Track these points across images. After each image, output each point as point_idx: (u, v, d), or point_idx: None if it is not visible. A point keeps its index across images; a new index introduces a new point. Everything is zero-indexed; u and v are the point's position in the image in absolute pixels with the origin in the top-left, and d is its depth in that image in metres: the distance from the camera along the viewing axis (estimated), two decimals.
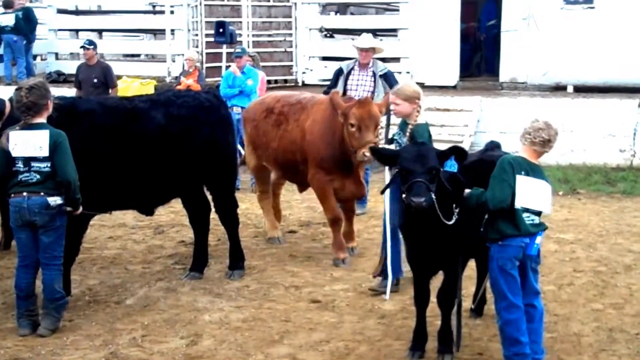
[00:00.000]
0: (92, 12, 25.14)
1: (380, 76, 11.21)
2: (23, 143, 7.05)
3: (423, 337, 6.72)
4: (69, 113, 7.78)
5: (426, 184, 6.00)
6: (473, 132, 15.70)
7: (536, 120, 6.21)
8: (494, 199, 6.06)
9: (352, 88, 11.13)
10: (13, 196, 7.12)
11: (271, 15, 19.91)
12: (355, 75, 11.26)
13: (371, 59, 11.26)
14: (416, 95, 7.37)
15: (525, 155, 6.20)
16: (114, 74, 15.40)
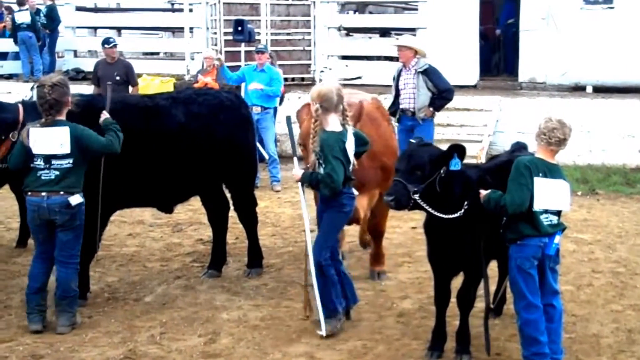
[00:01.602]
0: (111, 10, 25.25)
1: (421, 72, 11.54)
2: (44, 140, 7.05)
3: (442, 337, 6.72)
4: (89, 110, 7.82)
5: (403, 183, 6.21)
6: (492, 132, 15.67)
7: (550, 120, 6.15)
8: (512, 204, 6.04)
9: (402, 87, 11.84)
10: (30, 195, 7.11)
11: (290, 14, 19.89)
12: (403, 75, 11.84)
13: (412, 58, 11.66)
14: (318, 97, 7.00)
15: (541, 155, 6.17)
16: (135, 72, 15.44)
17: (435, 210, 6.29)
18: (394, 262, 9.42)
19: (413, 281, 8.73)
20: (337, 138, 6.91)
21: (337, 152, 6.85)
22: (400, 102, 11.89)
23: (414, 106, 11.72)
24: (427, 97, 11.64)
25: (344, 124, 7.07)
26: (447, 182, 6.26)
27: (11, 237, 10.33)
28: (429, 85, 11.59)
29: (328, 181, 6.82)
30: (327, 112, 6.97)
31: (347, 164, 6.98)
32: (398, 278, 8.87)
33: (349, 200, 7.16)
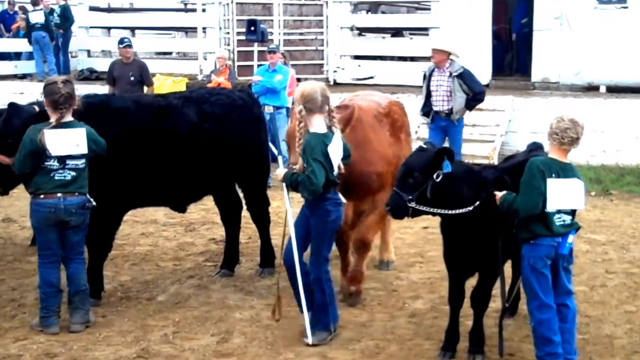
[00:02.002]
0: (124, 10, 25.33)
1: (456, 76, 11.89)
2: (60, 141, 7.02)
3: (455, 337, 6.71)
4: (102, 110, 7.85)
5: (397, 192, 6.30)
6: (504, 132, 15.64)
7: (562, 120, 6.09)
8: (524, 207, 6.02)
9: (433, 89, 12.14)
10: (44, 197, 7.07)
11: (302, 14, 19.91)
12: (435, 76, 12.13)
13: (446, 60, 12.01)
14: (302, 98, 6.82)
15: (554, 155, 6.14)
16: (150, 72, 15.50)
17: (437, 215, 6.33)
18: (405, 262, 9.42)
19: (425, 281, 8.72)
20: (320, 140, 6.69)
21: (318, 155, 6.61)
22: (433, 103, 12.23)
23: (447, 107, 12.13)
24: (463, 100, 12.07)
25: (330, 125, 6.85)
26: (450, 185, 6.25)
27: (25, 236, 10.39)
28: (464, 88, 11.98)
29: (307, 184, 6.61)
30: (312, 113, 6.75)
31: (330, 167, 6.72)
32: (410, 278, 8.86)
33: (335, 207, 6.90)
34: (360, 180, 7.70)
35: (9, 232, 10.84)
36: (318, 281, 6.96)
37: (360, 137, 7.75)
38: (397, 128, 8.48)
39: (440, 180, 6.22)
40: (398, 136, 8.45)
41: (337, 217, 6.93)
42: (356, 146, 7.54)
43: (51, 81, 7.19)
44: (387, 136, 8.23)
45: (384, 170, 7.89)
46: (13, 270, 9.10)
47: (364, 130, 7.86)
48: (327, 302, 7.00)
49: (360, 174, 7.67)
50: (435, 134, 12.37)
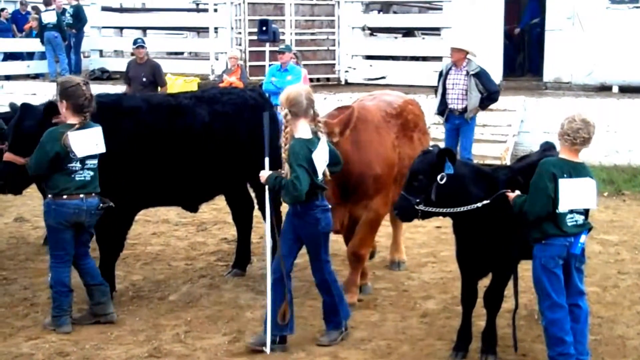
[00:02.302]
0: (136, 10, 25.41)
1: (473, 75, 12.19)
2: (84, 142, 7.04)
3: (467, 338, 6.70)
4: (114, 110, 7.87)
5: (404, 195, 6.34)
6: (517, 132, 15.61)
7: (573, 120, 6.03)
8: (532, 211, 6.00)
9: (449, 87, 12.43)
10: (67, 198, 7.07)
11: (314, 14, 19.93)
12: (452, 75, 12.45)
13: (463, 59, 12.32)
14: (287, 102, 6.66)
15: (565, 155, 6.09)
16: (163, 73, 15.55)
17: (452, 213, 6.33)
18: (417, 262, 9.41)
19: (437, 281, 8.71)
20: (304, 145, 6.52)
21: (301, 160, 6.46)
22: (448, 101, 12.52)
23: (462, 106, 12.41)
24: (477, 99, 12.37)
25: (316, 130, 6.68)
26: (457, 185, 6.25)
27: (38, 235, 10.43)
28: (480, 87, 12.28)
29: (291, 189, 6.44)
30: (297, 117, 6.59)
31: (314, 173, 6.56)
32: (421, 278, 8.86)
33: (323, 214, 6.73)
34: (358, 182, 7.62)
35: (22, 231, 10.88)
36: (324, 283, 6.93)
37: (362, 138, 7.66)
38: (410, 128, 8.40)
39: (445, 182, 6.23)
40: (410, 136, 8.36)
41: (327, 223, 6.79)
42: (357, 147, 7.53)
43: (73, 83, 7.12)
44: (393, 137, 8.08)
45: (383, 173, 7.78)
46: (25, 269, 9.13)
47: (367, 131, 7.75)
48: (337, 302, 6.96)
49: (358, 176, 7.60)
50: (450, 133, 12.75)
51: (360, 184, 7.63)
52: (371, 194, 7.73)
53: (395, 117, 8.27)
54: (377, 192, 7.75)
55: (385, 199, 7.88)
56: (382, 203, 7.86)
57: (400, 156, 8.05)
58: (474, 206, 6.20)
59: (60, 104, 7.11)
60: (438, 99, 12.83)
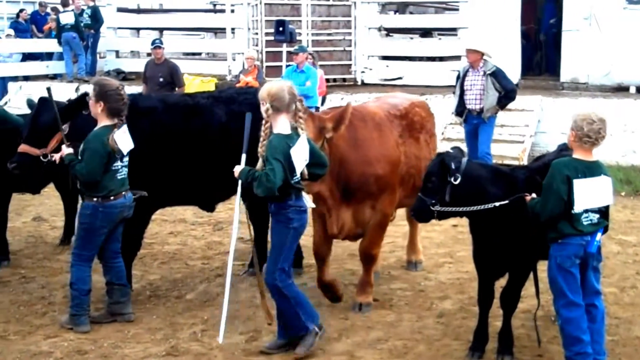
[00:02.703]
0: (153, 11, 25.50)
1: (489, 74, 12.41)
2: (124, 140, 7.15)
3: (484, 338, 6.69)
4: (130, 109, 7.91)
5: (420, 197, 6.42)
6: (534, 132, 15.57)
7: (592, 121, 5.96)
8: (544, 212, 6.00)
9: (467, 88, 12.62)
10: (114, 198, 7.15)
11: (330, 15, 19.96)
12: (469, 76, 12.65)
13: (480, 60, 12.53)
14: (268, 96, 6.52)
15: (579, 155, 6.05)
16: (181, 74, 15.62)
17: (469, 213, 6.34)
18: (434, 262, 9.40)
19: (453, 282, 8.70)
20: (282, 140, 6.37)
21: (278, 154, 6.29)
22: (466, 102, 12.69)
23: (480, 106, 12.56)
24: (495, 98, 12.52)
25: (297, 127, 6.51)
26: (471, 185, 6.26)
27: (55, 235, 10.48)
28: (497, 86, 12.44)
29: (264, 180, 6.26)
30: (278, 113, 6.45)
31: (291, 171, 6.40)
32: (438, 278, 8.85)
33: (297, 215, 6.54)
34: (359, 182, 7.45)
35: (40, 231, 10.94)
36: (274, 289, 6.61)
37: (361, 136, 7.53)
38: (416, 129, 8.27)
39: (460, 182, 6.24)
40: (417, 137, 8.23)
41: (299, 225, 6.60)
42: (355, 146, 7.41)
43: (113, 87, 7.15)
44: (396, 136, 7.91)
45: (385, 172, 7.60)
46: (43, 268, 9.18)
47: (366, 129, 7.61)
48: (294, 305, 6.65)
49: (359, 176, 7.44)
50: (469, 134, 12.95)
51: (362, 184, 7.46)
52: (376, 194, 7.58)
53: (399, 118, 8.14)
54: (382, 192, 7.62)
55: (391, 198, 7.78)
56: (388, 203, 7.75)
57: (407, 155, 7.94)
58: (489, 206, 6.20)
59: (96, 105, 7.10)
60: (456, 101, 12.97)
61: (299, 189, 6.56)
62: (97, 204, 7.13)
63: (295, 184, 6.48)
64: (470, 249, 6.79)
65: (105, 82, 7.31)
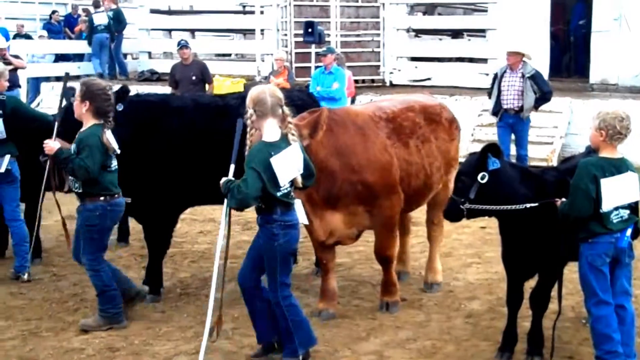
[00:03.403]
0: (184, 12, 25.66)
1: (529, 77, 12.75)
2: (113, 139, 7.16)
3: (513, 339, 6.68)
4: (161, 109, 8.00)
5: (452, 197, 6.45)
6: (563, 133, 15.51)
7: (622, 119, 5.99)
8: (572, 212, 5.99)
9: (504, 89, 12.93)
10: (117, 196, 7.20)
11: (359, 16, 19.99)
12: (507, 77, 12.95)
13: (520, 62, 12.86)
14: (251, 102, 6.18)
15: (606, 153, 6.04)
16: (210, 71, 15.82)
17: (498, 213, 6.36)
18: (462, 263, 9.41)
19: (482, 282, 8.70)
20: (263, 148, 6.03)
21: (256, 164, 5.95)
22: (503, 102, 12.98)
23: (518, 105, 12.89)
24: (532, 99, 12.87)
25: (287, 133, 6.17)
26: (500, 184, 6.27)
27: None
28: (535, 88, 12.81)
29: (235, 192, 5.92)
30: (263, 117, 6.11)
31: (273, 182, 6.02)
32: (467, 279, 8.86)
33: (283, 230, 6.18)
34: (343, 189, 7.20)
35: (71, 229, 11.00)
36: (277, 307, 6.38)
37: (342, 142, 7.24)
38: (405, 134, 7.83)
39: (487, 181, 6.26)
40: (405, 142, 7.80)
41: (286, 240, 6.20)
42: (336, 153, 7.16)
43: (100, 86, 7.15)
44: (383, 139, 7.58)
45: (375, 177, 7.32)
46: (74, 266, 9.18)
47: (347, 135, 7.31)
48: (291, 328, 6.38)
49: (342, 182, 7.19)
50: (503, 131, 13.20)
51: (347, 191, 7.21)
52: (364, 198, 7.31)
53: (385, 121, 7.76)
54: (377, 196, 7.35)
55: (392, 200, 7.49)
56: (389, 205, 7.48)
57: (397, 157, 7.61)
58: (520, 206, 6.21)
59: (81, 105, 7.07)
60: (493, 101, 13.24)
61: (285, 203, 6.19)
62: (105, 203, 7.12)
63: (283, 196, 6.14)
64: (499, 250, 6.78)
65: (93, 82, 7.30)
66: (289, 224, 6.21)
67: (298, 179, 6.22)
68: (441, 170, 8.15)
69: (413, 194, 7.84)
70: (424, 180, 7.91)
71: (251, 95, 6.21)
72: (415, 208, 8.37)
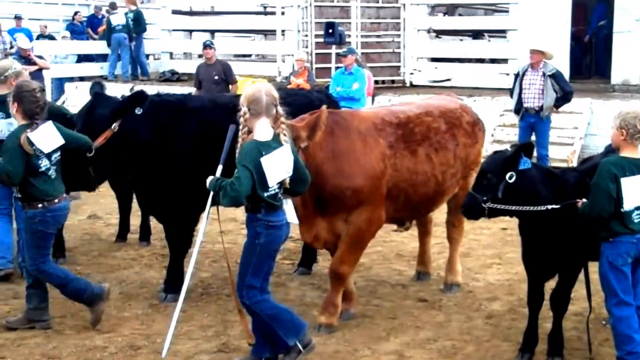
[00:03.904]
0: (205, 13, 25.76)
1: (549, 76, 12.84)
2: (45, 140, 7.00)
3: (534, 340, 6.68)
4: (180, 109, 8.05)
5: (472, 194, 6.38)
6: (583, 134, 15.46)
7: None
8: (592, 211, 5.98)
9: (526, 87, 13.02)
10: (57, 202, 7.08)
11: (380, 17, 20.01)
12: (528, 75, 13.03)
13: (541, 61, 12.92)
14: (245, 100, 6.12)
15: (628, 153, 6.04)
16: (233, 71, 15.88)
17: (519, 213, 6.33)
18: (482, 263, 9.42)
19: (502, 283, 8.70)
20: (255, 147, 5.96)
21: (247, 162, 5.88)
22: (524, 100, 13.05)
23: (538, 105, 12.94)
24: (553, 98, 12.92)
25: (279, 133, 6.10)
26: (525, 185, 6.25)
27: (110, 233, 10.70)
28: (555, 87, 12.88)
29: (228, 189, 5.85)
30: (257, 116, 6.03)
31: (262, 182, 5.96)
32: (487, 279, 8.86)
33: (265, 230, 6.08)
34: (333, 194, 7.02)
35: (95, 228, 11.17)
36: (245, 306, 6.28)
37: (340, 146, 7.08)
38: (415, 141, 7.61)
39: (514, 180, 6.25)
40: (414, 149, 7.58)
41: (268, 241, 6.10)
42: (332, 156, 7.00)
43: (28, 88, 7.05)
44: (383, 147, 7.33)
45: (364, 185, 7.10)
46: (98, 265, 9.38)
47: (347, 139, 7.15)
48: (269, 321, 6.23)
49: (333, 188, 7.01)
50: (524, 131, 13.31)
51: (335, 196, 7.03)
52: (350, 207, 7.11)
53: (391, 126, 7.54)
54: (358, 205, 7.11)
55: (371, 213, 7.22)
56: (365, 218, 7.19)
57: (396, 168, 7.38)
58: (543, 208, 6.20)
59: (12, 105, 7.08)
60: (515, 99, 13.29)
61: (271, 205, 6.09)
62: (44, 210, 7.00)
63: (269, 197, 6.06)
64: (519, 250, 6.80)
65: (23, 84, 7.24)
66: (272, 224, 6.12)
67: (286, 180, 6.15)
68: (457, 175, 7.97)
69: (420, 202, 7.71)
70: (434, 188, 7.72)
71: (247, 93, 6.17)
72: (425, 214, 8.34)
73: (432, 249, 9.17)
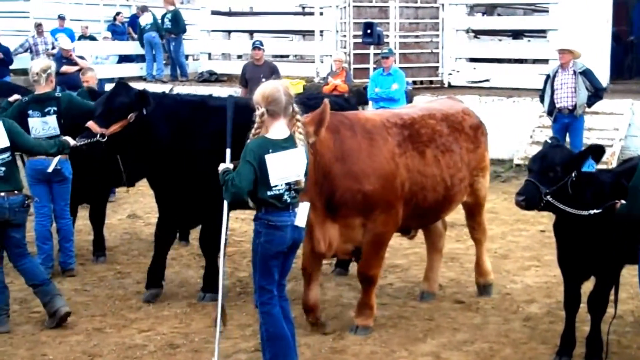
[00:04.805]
0: (244, 14, 25.85)
1: (580, 73, 12.86)
2: None
3: (571, 343, 6.66)
4: (201, 109, 8.12)
5: (535, 184, 6.18)
6: (624, 135, 15.32)
7: None
8: (631, 213, 5.93)
9: (557, 87, 13.05)
10: None
11: (418, 17, 19.94)
12: (559, 76, 13.06)
13: (570, 60, 12.92)
14: (263, 100, 5.84)
15: None
16: (280, 74, 15.93)
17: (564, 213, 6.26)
18: (520, 266, 9.38)
19: (540, 285, 8.67)
20: (261, 143, 5.78)
21: (251, 157, 5.71)
22: (556, 100, 13.06)
23: (571, 104, 12.96)
24: (585, 96, 12.91)
25: (294, 132, 5.90)
26: (578, 185, 6.20)
27: (149, 232, 10.72)
28: (587, 84, 12.88)
29: (229, 185, 5.72)
30: (276, 117, 5.83)
31: (264, 180, 5.77)
32: (525, 282, 8.83)
33: (265, 229, 5.89)
34: (343, 197, 6.84)
35: (134, 227, 11.30)
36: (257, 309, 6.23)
37: (347, 147, 6.91)
38: (422, 142, 7.46)
39: (576, 179, 6.19)
40: (422, 151, 7.43)
41: (267, 240, 5.91)
42: (342, 158, 6.83)
43: None
44: (392, 146, 7.19)
45: (376, 189, 6.95)
46: (138, 264, 9.48)
47: (354, 139, 6.97)
48: (264, 337, 6.16)
49: (344, 191, 6.84)
50: (557, 134, 12.94)
51: (347, 200, 6.85)
52: (365, 211, 6.96)
53: (398, 127, 7.38)
54: (373, 209, 6.97)
55: (388, 216, 7.11)
56: (382, 221, 7.08)
57: (408, 169, 7.24)
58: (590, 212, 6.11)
59: None
60: (547, 101, 13.24)
61: (272, 205, 5.88)
62: None
63: (273, 197, 5.85)
64: None
65: None
66: (272, 223, 5.89)
67: (301, 181, 5.94)
68: (465, 181, 7.83)
69: (429, 208, 7.52)
70: (443, 194, 7.55)
71: (264, 92, 5.85)
72: (434, 222, 8.09)
73: (468, 251, 9.12)
